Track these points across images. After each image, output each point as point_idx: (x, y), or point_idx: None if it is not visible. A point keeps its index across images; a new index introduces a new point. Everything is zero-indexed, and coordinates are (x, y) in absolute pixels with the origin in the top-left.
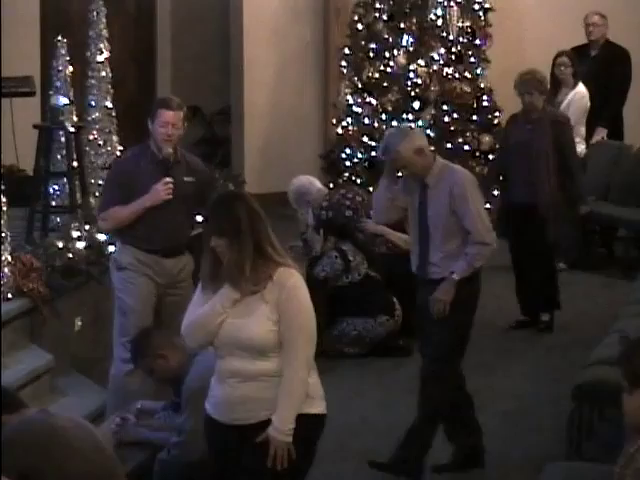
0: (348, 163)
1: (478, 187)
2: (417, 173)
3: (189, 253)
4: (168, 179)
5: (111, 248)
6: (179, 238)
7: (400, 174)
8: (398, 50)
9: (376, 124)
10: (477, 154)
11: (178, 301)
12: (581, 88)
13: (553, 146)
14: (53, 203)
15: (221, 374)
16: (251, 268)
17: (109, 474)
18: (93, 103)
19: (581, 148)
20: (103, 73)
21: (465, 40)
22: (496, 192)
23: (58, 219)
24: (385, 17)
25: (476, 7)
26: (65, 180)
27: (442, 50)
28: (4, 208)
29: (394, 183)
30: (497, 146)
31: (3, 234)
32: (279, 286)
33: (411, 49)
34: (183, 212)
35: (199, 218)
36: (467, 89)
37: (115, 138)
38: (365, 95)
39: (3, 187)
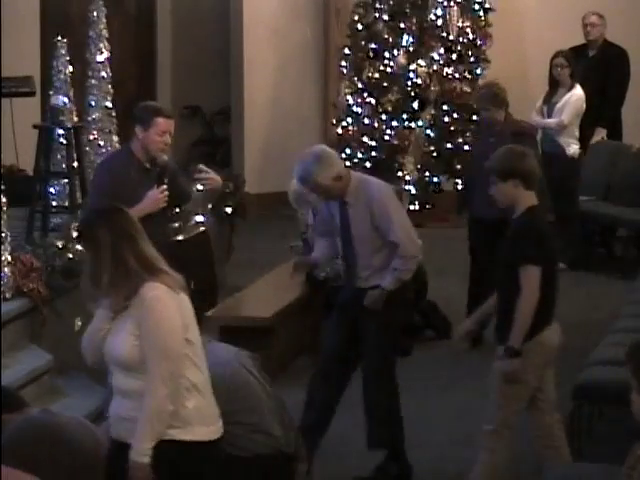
0: (348, 163)
1: (395, 197)
2: (336, 196)
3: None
4: (164, 186)
5: None
6: (165, 242)
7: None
8: (398, 50)
9: (376, 124)
10: None
11: None
12: (578, 90)
13: None
14: (53, 203)
15: (112, 389)
16: (111, 283)
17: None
18: (93, 103)
19: (574, 149)
20: (103, 73)
21: (465, 40)
22: None
23: (58, 219)
24: (385, 17)
25: (476, 7)
26: (65, 180)
27: (442, 50)
28: (4, 208)
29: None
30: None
31: (3, 234)
32: (140, 300)
33: (411, 49)
34: (165, 216)
35: (199, 218)
36: (467, 89)
37: (115, 138)
38: (365, 95)
39: (3, 187)
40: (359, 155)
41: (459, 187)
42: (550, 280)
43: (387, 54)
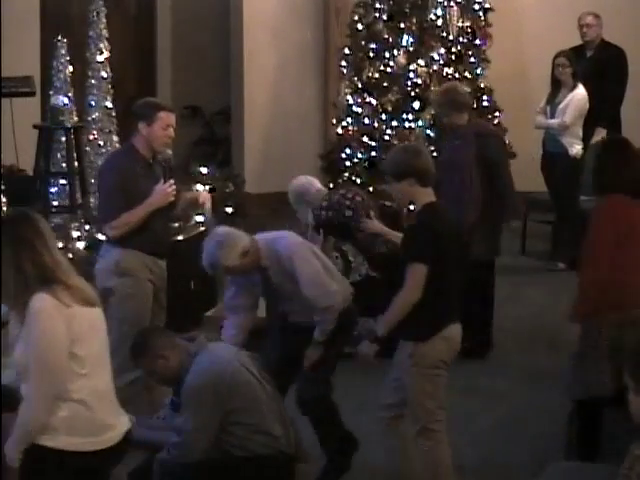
0: (348, 163)
1: (303, 245)
2: (251, 269)
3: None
4: (172, 180)
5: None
6: (169, 239)
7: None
8: (398, 50)
9: (376, 124)
10: None
11: (164, 304)
12: (580, 90)
13: (476, 160)
14: (53, 203)
15: None
16: (16, 293)
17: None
18: (93, 103)
19: (577, 149)
20: (103, 73)
21: (465, 40)
22: None
23: (58, 219)
24: (385, 17)
25: (476, 7)
26: (65, 180)
27: (442, 50)
28: (4, 208)
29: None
30: None
31: None
32: (28, 311)
33: (411, 49)
34: (169, 212)
35: (199, 218)
36: (467, 89)
37: (115, 138)
38: (365, 95)
39: (3, 187)
40: (359, 155)
41: None
42: (444, 278)
43: (387, 54)
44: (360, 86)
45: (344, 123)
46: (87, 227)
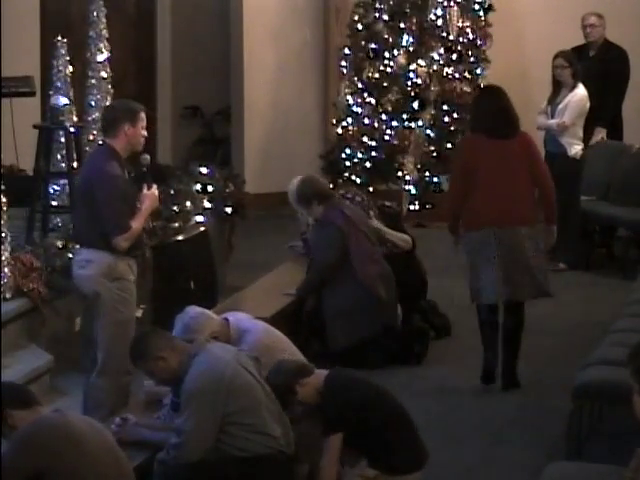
0: (348, 163)
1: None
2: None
3: None
4: (155, 185)
5: None
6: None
7: None
8: (398, 50)
9: (376, 124)
10: None
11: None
12: (580, 90)
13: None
14: (53, 203)
15: None
16: None
17: (120, 475)
18: (93, 103)
19: (576, 149)
20: (103, 73)
21: (465, 40)
22: None
23: (58, 219)
24: (385, 17)
25: (476, 7)
26: (65, 180)
27: (442, 50)
28: (4, 208)
29: None
30: None
31: (3, 234)
32: None
33: (411, 49)
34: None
35: (199, 218)
36: (467, 89)
37: None
38: (365, 95)
39: (3, 187)
40: (359, 155)
41: None
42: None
43: (387, 54)
44: (360, 86)
45: (344, 123)
46: None
